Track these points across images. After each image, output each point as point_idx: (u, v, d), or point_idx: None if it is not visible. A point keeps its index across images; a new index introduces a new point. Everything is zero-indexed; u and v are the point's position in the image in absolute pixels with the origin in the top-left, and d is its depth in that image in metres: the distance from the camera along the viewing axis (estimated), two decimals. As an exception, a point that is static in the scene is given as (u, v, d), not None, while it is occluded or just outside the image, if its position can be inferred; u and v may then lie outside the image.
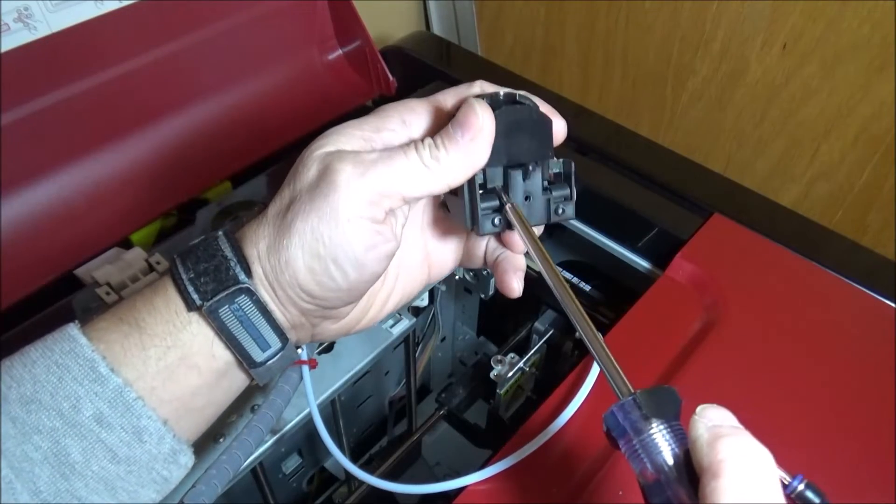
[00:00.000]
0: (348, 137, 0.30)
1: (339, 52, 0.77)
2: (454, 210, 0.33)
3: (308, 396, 0.46)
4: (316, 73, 0.76)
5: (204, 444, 0.45)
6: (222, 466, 0.37)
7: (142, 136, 0.64)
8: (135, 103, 0.62)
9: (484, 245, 0.36)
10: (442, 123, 0.31)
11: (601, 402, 0.46)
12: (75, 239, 0.57)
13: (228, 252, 0.30)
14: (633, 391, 0.25)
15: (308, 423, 0.48)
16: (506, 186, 0.31)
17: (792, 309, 0.52)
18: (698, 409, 0.23)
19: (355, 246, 0.28)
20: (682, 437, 0.23)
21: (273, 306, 0.30)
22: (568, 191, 0.32)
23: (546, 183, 0.32)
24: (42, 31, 0.53)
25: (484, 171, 0.30)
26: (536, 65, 1.09)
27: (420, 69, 0.79)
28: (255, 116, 0.70)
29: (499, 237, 0.35)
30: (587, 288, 0.63)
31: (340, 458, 0.45)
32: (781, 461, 0.42)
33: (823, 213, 0.88)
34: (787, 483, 0.40)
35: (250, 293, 0.29)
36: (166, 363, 0.29)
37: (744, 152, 0.92)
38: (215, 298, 0.29)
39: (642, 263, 0.60)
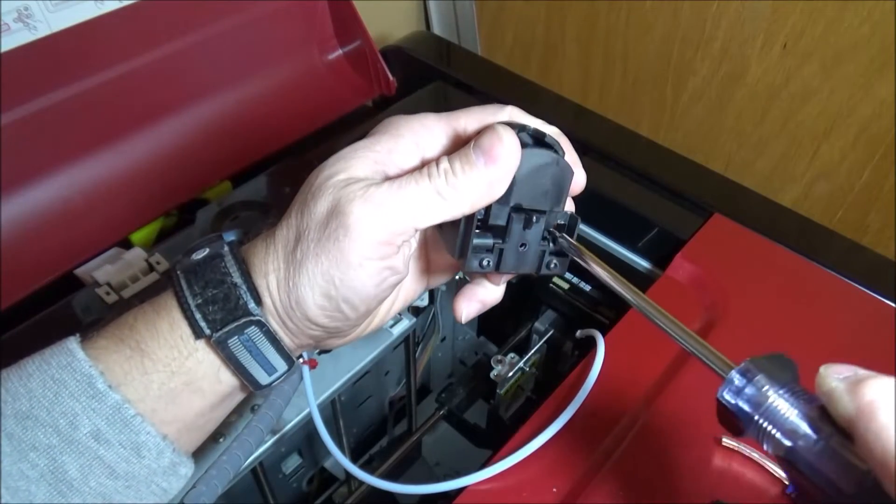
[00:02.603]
0: (359, 161, 0.29)
1: (339, 52, 0.77)
2: (446, 234, 0.31)
3: (308, 396, 0.46)
4: (316, 73, 0.76)
5: (204, 444, 0.45)
6: (222, 466, 0.37)
7: (142, 136, 0.64)
8: (135, 103, 0.62)
9: None
10: (459, 147, 0.29)
11: (601, 402, 0.46)
12: (75, 239, 0.57)
13: (237, 278, 0.28)
14: (734, 365, 0.23)
15: (308, 423, 0.48)
16: (505, 230, 0.29)
17: (792, 309, 0.52)
18: (822, 367, 0.22)
19: (366, 285, 0.28)
20: (812, 398, 0.22)
21: (282, 335, 0.30)
22: (563, 244, 0.31)
23: (546, 233, 0.30)
24: (42, 31, 0.53)
25: (489, 206, 0.29)
26: (536, 65, 1.09)
27: (420, 69, 0.79)
28: (255, 116, 0.70)
29: None
30: (587, 288, 0.62)
31: (340, 458, 0.45)
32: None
33: (823, 213, 0.88)
34: (787, 483, 0.40)
35: (261, 324, 0.29)
36: (169, 388, 0.28)
37: (744, 152, 0.92)
38: (225, 329, 0.28)
39: (642, 263, 0.60)
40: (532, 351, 0.61)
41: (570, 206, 0.33)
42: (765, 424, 0.22)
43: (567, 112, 0.73)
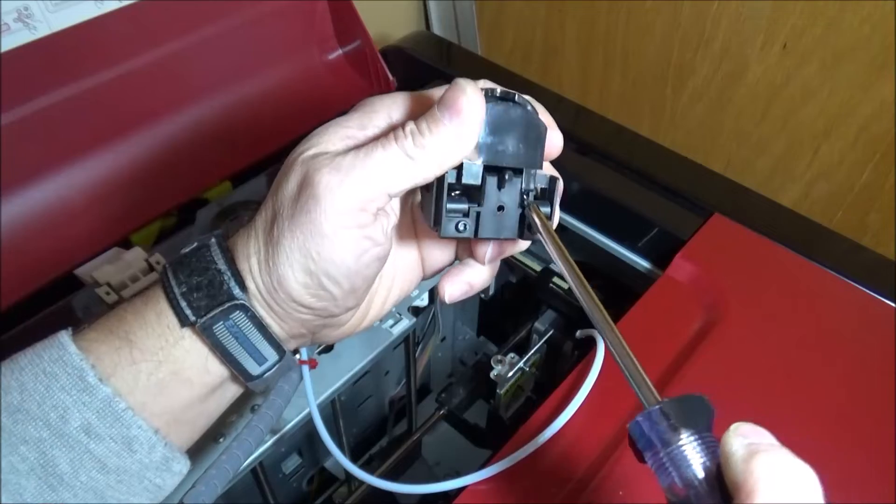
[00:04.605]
0: (331, 136, 0.29)
1: (339, 52, 0.77)
2: (425, 207, 0.30)
3: (308, 396, 0.46)
4: (316, 73, 0.75)
5: (204, 444, 0.45)
6: (222, 466, 0.37)
7: (142, 135, 0.64)
8: (135, 103, 0.62)
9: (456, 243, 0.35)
10: None
11: (601, 402, 0.46)
12: (75, 239, 0.57)
13: (221, 265, 0.28)
14: (659, 399, 0.23)
15: (308, 423, 0.48)
16: (480, 191, 0.29)
17: (792, 309, 0.52)
18: (733, 425, 0.22)
19: (345, 257, 0.27)
20: (715, 451, 0.22)
21: (269, 320, 0.30)
22: (549, 209, 0.30)
23: (527, 197, 0.30)
24: (42, 31, 0.53)
25: (461, 166, 0.28)
26: (536, 65, 1.09)
27: (420, 69, 0.79)
28: (255, 116, 0.70)
29: (467, 244, 0.33)
30: (587, 288, 0.62)
31: (340, 458, 0.45)
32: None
33: (823, 213, 0.88)
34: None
35: (245, 309, 0.28)
36: (158, 378, 0.28)
37: (744, 152, 0.92)
38: (209, 315, 0.28)
39: (642, 263, 0.60)
40: (532, 351, 0.61)
41: (552, 171, 0.32)
42: (667, 464, 0.22)
43: (567, 112, 0.73)
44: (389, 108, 0.29)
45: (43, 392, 0.26)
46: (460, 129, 0.27)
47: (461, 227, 0.29)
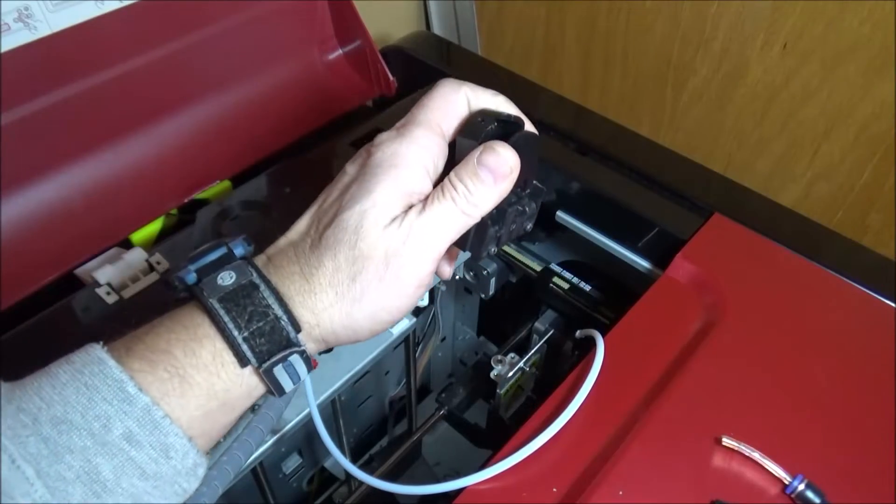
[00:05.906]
0: (390, 197, 0.32)
1: (339, 52, 0.77)
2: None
3: (308, 396, 0.46)
4: (316, 73, 0.76)
5: (204, 444, 0.45)
6: (223, 467, 0.37)
7: (142, 135, 0.64)
8: (135, 103, 0.62)
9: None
10: (446, 148, 0.34)
11: (601, 402, 0.46)
12: (75, 239, 0.57)
13: (279, 310, 0.31)
14: None
15: (308, 423, 0.48)
16: (503, 216, 0.35)
17: (792, 309, 0.52)
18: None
19: (411, 305, 0.33)
20: None
21: (312, 349, 0.33)
22: (534, 207, 0.37)
23: (520, 208, 0.35)
24: (42, 31, 0.53)
25: None
26: (536, 65, 1.09)
27: (420, 69, 0.79)
28: (256, 116, 0.70)
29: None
30: (587, 288, 0.63)
31: (340, 459, 0.45)
32: (782, 461, 0.42)
33: (824, 213, 0.88)
34: (787, 483, 0.40)
35: (302, 352, 0.32)
36: (206, 409, 0.30)
37: (744, 152, 0.92)
38: (271, 360, 0.31)
39: (642, 263, 0.60)
40: (532, 351, 0.61)
41: None
42: None
43: (567, 112, 0.73)
44: (423, 159, 0.33)
45: (86, 403, 0.28)
46: (503, 186, 0.33)
47: (492, 250, 0.35)
